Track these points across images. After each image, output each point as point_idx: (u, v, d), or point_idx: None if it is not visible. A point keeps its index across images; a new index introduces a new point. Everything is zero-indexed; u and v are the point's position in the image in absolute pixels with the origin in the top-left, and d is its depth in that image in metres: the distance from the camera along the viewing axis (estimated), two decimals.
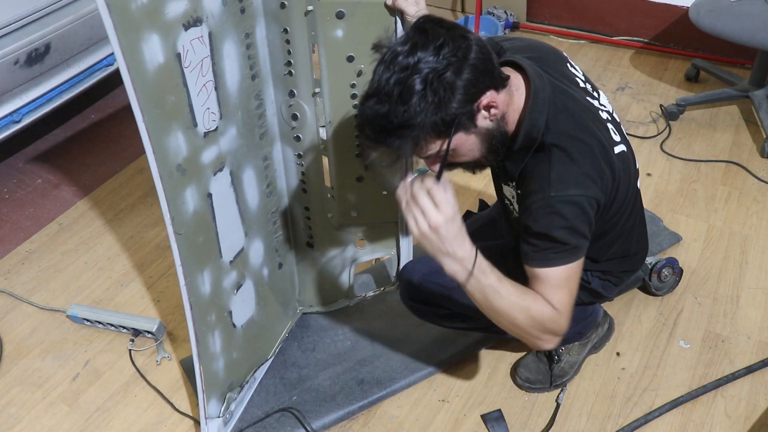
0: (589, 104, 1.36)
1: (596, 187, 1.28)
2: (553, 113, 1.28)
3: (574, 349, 1.75)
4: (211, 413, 1.59)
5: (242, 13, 1.40)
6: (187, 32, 1.25)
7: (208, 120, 1.37)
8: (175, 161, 1.30)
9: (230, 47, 1.39)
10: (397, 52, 1.15)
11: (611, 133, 1.35)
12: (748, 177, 2.43)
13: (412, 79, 1.13)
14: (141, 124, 1.20)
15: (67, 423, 1.72)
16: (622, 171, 1.34)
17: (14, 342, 1.93)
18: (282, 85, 1.55)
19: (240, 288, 1.61)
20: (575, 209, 1.26)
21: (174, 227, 1.32)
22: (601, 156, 1.30)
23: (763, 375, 1.78)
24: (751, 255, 2.12)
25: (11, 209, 2.40)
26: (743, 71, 2.97)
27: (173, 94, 1.26)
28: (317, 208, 1.72)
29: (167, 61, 1.22)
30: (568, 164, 1.27)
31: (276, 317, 1.83)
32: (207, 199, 1.42)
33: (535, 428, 1.68)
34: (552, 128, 1.28)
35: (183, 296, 1.41)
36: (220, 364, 1.59)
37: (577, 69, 1.44)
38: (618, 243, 1.52)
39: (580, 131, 1.29)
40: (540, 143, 1.28)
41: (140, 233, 2.28)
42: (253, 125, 1.53)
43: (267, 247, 1.70)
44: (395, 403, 1.74)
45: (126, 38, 1.12)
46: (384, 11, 1.43)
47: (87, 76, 2.51)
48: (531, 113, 1.27)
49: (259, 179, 1.61)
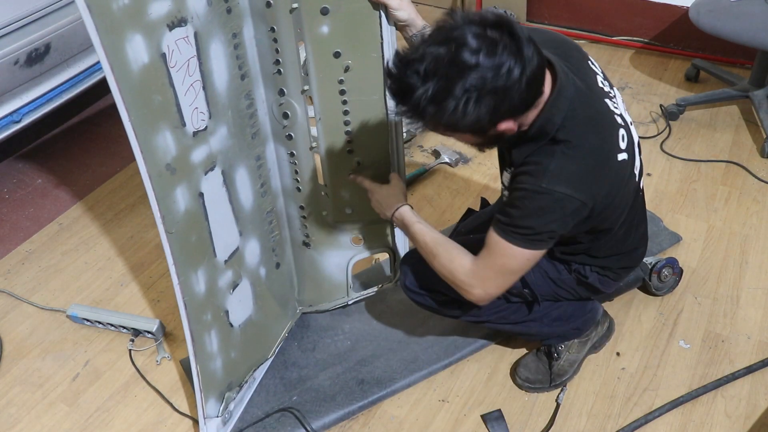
0: (606, 108, 1.37)
1: (587, 192, 1.30)
2: (571, 112, 1.30)
3: (574, 346, 1.75)
4: (209, 413, 1.59)
5: (228, 13, 1.40)
6: (172, 32, 1.25)
7: (196, 119, 1.37)
8: (164, 160, 1.30)
9: (217, 47, 1.39)
10: (465, 43, 1.13)
11: (619, 139, 1.36)
12: (748, 177, 2.43)
13: (457, 82, 1.13)
14: (127, 123, 1.20)
15: (67, 423, 1.72)
16: (618, 179, 1.36)
17: (14, 342, 1.93)
18: (272, 84, 1.55)
19: (236, 288, 1.61)
20: (557, 206, 1.29)
21: (165, 226, 1.33)
22: (603, 163, 1.32)
23: (763, 375, 1.77)
24: (751, 255, 2.12)
25: (11, 209, 2.39)
26: (743, 71, 2.97)
27: (160, 93, 1.26)
28: (312, 207, 1.72)
29: (152, 61, 1.22)
30: (568, 162, 1.29)
31: (275, 317, 1.82)
32: (198, 199, 1.42)
33: (535, 428, 1.68)
34: (566, 126, 1.30)
35: (176, 295, 1.42)
36: (218, 363, 1.59)
37: (597, 66, 1.46)
38: (614, 242, 1.52)
39: (591, 135, 1.31)
40: (551, 137, 1.30)
41: (140, 233, 2.28)
42: (244, 125, 1.53)
43: (263, 247, 1.70)
44: (395, 403, 1.74)
45: (108, 38, 1.13)
46: (368, 6, 1.43)
47: (87, 76, 2.51)
48: (551, 108, 1.29)
49: (253, 179, 1.61)
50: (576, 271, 1.58)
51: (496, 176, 2.47)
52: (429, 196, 2.39)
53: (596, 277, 1.59)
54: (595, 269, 1.58)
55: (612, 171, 1.34)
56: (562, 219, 1.31)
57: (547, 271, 1.57)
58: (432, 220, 2.28)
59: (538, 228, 1.31)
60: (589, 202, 1.31)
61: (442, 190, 2.42)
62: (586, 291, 1.63)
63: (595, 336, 1.79)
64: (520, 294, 1.59)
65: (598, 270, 1.58)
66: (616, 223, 1.46)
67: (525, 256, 1.35)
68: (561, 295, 1.63)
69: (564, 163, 1.29)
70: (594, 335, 1.78)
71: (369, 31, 1.47)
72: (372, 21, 1.46)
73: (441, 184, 2.44)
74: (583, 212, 1.32)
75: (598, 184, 1.31)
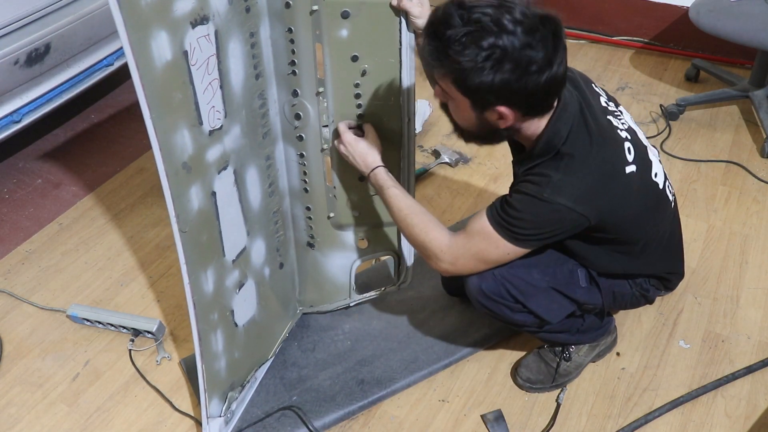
0: (609, 124, 1.40)
1: (589, 205, 1.33)
2: (576, 127, 1.34)
3: (583, 350, 1.75)
4: (212, 412, 1.59)
5: (247, 12, 1.40)
6: (195, 30, 1.25)
7: (213, 118, 1.37)
8: (180, 159, 1.30)
9: (235, 46, 1.39)
10: (512, 12, 1.19)
11: (626, 152, 1.39)
12: (748, 177, 2.43)
13: (489, 36, 1.18)
14: (148, 121, 1.20)
15: (67, 423, 1.72)
16: (627, 191, 1.38)
17: (14, 342, 1.93)
18: (285, 84, 1.55)
19: (242, 287, 1.61)
20: (555, 217, 1.33)
21: (179, 225, 1.33)
22: (608, 177, 1.35)
23: (763, 375, 1.78)
24: (751, 255, 2.12)
25: (11, 209, 2.40)
26: (743, 71, 2.97)
27: (180, 91, 1.26)
28: (319, 208, 1.72)
29: (175, 58, 1.22)
30: (571, 175, 1.32)
31: (276, 317, 1.83)
32: (211, 198, 1.42)
33: (535, 428, 1.68)
34: (570, 140, 1.33)
35: (186, 294, 1.41)
36: (222, 363, 1.59)
37: (600, 89, 1.50)
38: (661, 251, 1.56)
39: (595, 149, 1.34)
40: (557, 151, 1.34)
41: (140, 233, 2.28)
42: (256, 124, 1.53)
43: (268, 247, 1.70)
44: (395, 403, 1.74)
45: (135, 35, 1.12)
46: (389, 11, 1.44)
47: (87, 76, 2.51)
48: (556, 122, 1.33)
49: (262, 178, 1.61)
50: (639, 285, 1.61)
51: (496, 176, 2.47)
52: (429, 196, 2.39)
53: (654, 290, 1.63)
54: (653, 282, 1.62)
55: (619, 184, 1.36)
56: (557, 229, 1.35)
57: (612, 286, 1.59)
58: None
59: (529, 230, 1.35)
60: (591, 216, 1.33)
61: (442, 190, 2.42)
62: (644, 302, 1.68)
63: (604, 344, 1.80)
64: (593, 310, 1.63)
65: (655, 283, 1.62)
66: (645, 233, 1.49)
67: (506, 250, 1.39)
68: (619, 306, 1.67)
69: (567, 176, 1.32)
70: (603, 343, 1.79)
71: (388, 36, 1.47)
72: (392, 27, 1.46)
73: (441, 184, 2.44)
74: (583, 224, 1.35)
75: (602, 198, 1.34)
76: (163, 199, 1.31)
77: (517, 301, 1.52)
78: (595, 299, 1.58)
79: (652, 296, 1.65)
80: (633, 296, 1.62)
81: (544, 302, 1.54)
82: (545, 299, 1.54)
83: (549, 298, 1.54)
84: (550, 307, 1.55)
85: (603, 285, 1.57)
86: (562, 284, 1.54)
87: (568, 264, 1.55)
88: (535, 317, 1.56)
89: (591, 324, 1.69)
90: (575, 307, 1.58)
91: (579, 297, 1.56)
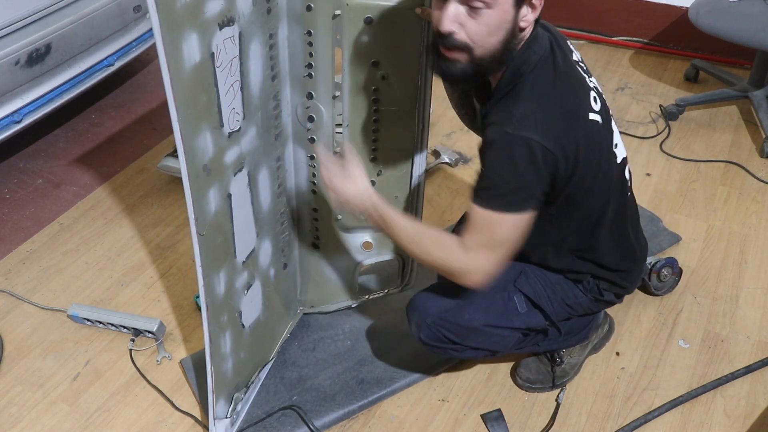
0: (578, 70, 1.39)
1: (555, 141, 1.27)
2: (543, 61, 1.31)
3: (576, 350, 1.75)
4: (219, 414, 1.59)
5: (268, 13, 1.40)
6: (222, 31, 1.26)
7: (232, 120, 1.37)
8: (202, 161, 1.30)
9: (256, 47, 1.39)
10: None
11: (591, 100, 1.36)
12: (747, 177, 2.43)
13: None
14: (175, 124, 1.20)
15: (68, 423, 1.72)
16: (590, 137, 1.34)
17: (15, 342, 1.93)
18: (299, 86, 1.54)
19: (250, 288, 1.61)
20: (526, 153, 1.26)
21: (197, 228, 1.32)
22: (572, 115, 1.31)
23: (762, 375, 1.78)
24: (751, 255, 2.12)
25: (12, 209, 2.40)
26: (743, 71, 2.98)
27: (205, 93, 1.26)
28: (326, 210, 1.72)
29: (203, 60, 1.22)
30: (534, 106, 1.28)
31: (279, 317, 1.83)
32: (227, 200, 1.42)
33: (535, 428, 1.68)
34: (536, 71, 1.30)
35: (201, 297, 1.42)
36: (229, 364, 1.59)
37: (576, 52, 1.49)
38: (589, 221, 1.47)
39: (560, 85, 1.32)
40: (521, 80, 1.31)
41: (141, 233, 2.28)
42: (270, 126, 1.53)
43: (274, 248, 1.70)
44: (395, 403, 1.74)
45: (169, 36, 1.12)
46: (413, 19, 1.44)
47: (87, 77, 2.51)
48: (527, 50, 1.30)
49: (272, 179, 1.61)
50: (591, 291, 1.58)
51: None
52: (429, 196, 2.39)
53: (611, 294, 1.61)
54: (605, 284, 1.58)
55: (582, 126, 1.32)
56: (534, 168, 1.27)
57: (564, 299, 1.57)
58: (432, 220, 2.28)
59: (512, 182, 1.28)
60: (558, 152, 1.27)
61: (442, 190, 2.42)
62: (603, 306, 1.66)
63: (595, 339, 1.80)
64: (544, 330, 1.61)
65: (607, 286, 1.59)
66: (600, 197, 1.43)
67: (510, 222, 1.31)
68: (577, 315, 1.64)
69: (530, 107, 1.27)
70: (594, 338, 1.79)
71: (410, 43, 1.47)
72: (415, 34, 1.46)
73: (441, 184, 2.44)
74: (552, 162, 1.27)
75: (567, 136, 1.29)
76: (163, 199, 1.31)
77: (456, 343, 1.54)
78: (538, 321, 1.56)
79: (608, 299, 1.61)
80: (589, 302, 1.59)
81: (483, 339, 1.55)
82: (483, 336, 1.54)
83: (486, 335, 1.54)
84: (491, 341, 1.56)
85: (553, 299, 1.54)
86: (497, 317, 1.52)
87: (503, 293, 1.52)
88: (484, 350, 1.58)
89: (573, 326, 1.67)
90: (519, 333, 1.57)
91: (519, 324, 1.54)
